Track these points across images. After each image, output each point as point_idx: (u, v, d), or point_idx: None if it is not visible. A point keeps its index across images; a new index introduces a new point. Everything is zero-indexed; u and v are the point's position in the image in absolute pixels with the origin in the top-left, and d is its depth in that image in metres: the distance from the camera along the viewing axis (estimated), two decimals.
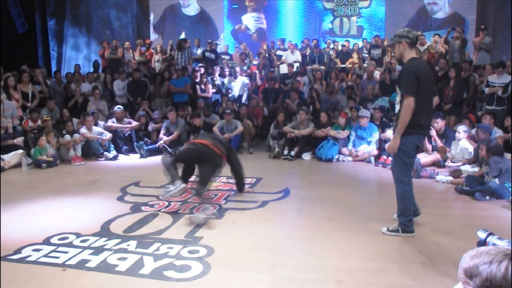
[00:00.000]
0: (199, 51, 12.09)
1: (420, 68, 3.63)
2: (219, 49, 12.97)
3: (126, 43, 11.89)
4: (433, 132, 6.64)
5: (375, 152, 7.32)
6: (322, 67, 11.24)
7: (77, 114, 8.73)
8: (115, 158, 7.71)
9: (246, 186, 5.32)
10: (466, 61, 9.78)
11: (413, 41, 3.71)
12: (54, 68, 12.79)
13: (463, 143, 6.17)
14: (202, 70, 10.73)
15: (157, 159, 7.68)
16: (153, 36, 15.32)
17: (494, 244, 3.11)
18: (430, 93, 3.73)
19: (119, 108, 8.64)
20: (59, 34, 13.56)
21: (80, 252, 3.25)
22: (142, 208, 4.50)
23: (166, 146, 7.89)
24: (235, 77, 10.81)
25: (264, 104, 10.12)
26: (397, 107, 3.83)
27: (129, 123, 8.53)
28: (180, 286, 2.75)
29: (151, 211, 4.39)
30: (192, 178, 5.01)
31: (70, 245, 3.41)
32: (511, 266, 1.11)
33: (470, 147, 6.08)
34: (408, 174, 3.75)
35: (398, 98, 3.81)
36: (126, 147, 8.23)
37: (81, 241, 3.49)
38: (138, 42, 12.38)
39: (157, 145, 8.14)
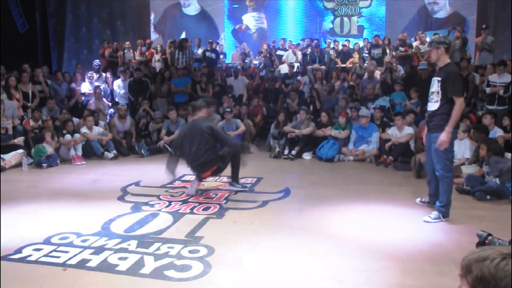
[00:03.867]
0: (200, 51, 12.08)
1: None
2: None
3: (127, 43, 11.89)
4: None
5: (375, 151, 7.31)
6: (323, 67, 11.23)
7: (77, 114, 8.73)
8: (115, 157, 7.71)
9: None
10: (464, 58, 9.68)
11: (449, 46, 4.06)
12: (54, 67, 12.78)
13: (464, 142, 6.17)
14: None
15: (157, 158, 7.73)
16: (154, 35, 15.29)
17: (493, 244, 3.11)
18: None
19: (123, 105, 8.67)
20: (60, 34, 13.55)
21: (80, 252, 3.25)
22: (143, 207, 4.50)
23: (167, 146, 7.88)
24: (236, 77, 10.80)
25: (264, 104, 10.11)
26: (431, 104, 4.06)
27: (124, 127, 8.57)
28: (180, 285, 2.75)
29: (151, 210, 4.39)
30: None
31: (70, 244, 3.42)
32: (505, 265, 1.13)
33: (471, 147, 6.08)
34: (451, 169, 4.04)
35: (435, 97, 3.98)
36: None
37: (82, 241, 3.49)
38: (138, 42, 12.36)
39: (157, 144, 8.15)
